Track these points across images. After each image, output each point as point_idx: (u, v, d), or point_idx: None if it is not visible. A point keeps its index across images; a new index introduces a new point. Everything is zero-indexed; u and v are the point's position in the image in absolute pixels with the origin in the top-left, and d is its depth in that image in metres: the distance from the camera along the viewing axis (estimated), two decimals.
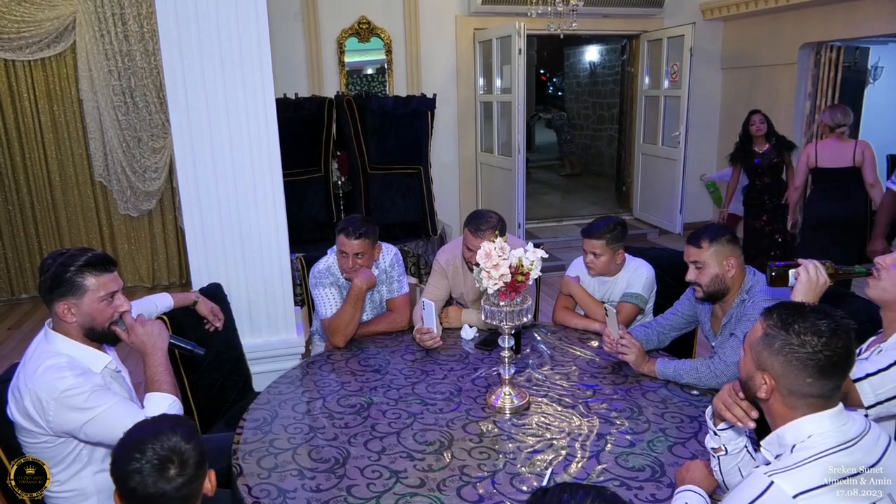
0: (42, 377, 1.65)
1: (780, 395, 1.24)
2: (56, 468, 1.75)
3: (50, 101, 5.48)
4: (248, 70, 2.63)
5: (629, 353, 2.21)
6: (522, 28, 5.64)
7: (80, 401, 1.64)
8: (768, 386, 1.25)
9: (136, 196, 5.76)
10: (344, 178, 5.56)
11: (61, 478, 1.76)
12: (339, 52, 6.17)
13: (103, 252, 1.90)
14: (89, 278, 1.73)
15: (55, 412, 1.64)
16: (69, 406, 1.64)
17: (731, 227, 6.32)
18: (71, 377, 1.65)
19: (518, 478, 1.67)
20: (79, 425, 1.66)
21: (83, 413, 1.65)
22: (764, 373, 1.26)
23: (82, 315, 1.74)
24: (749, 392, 1.32)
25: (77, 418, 1.65)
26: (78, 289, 1.72)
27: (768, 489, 1.15)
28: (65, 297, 1.72)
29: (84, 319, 1.75)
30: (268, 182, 2.74)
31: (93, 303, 1.74)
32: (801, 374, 1.21)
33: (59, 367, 1.67)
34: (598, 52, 11.58)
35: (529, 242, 1.99)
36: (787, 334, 1.23)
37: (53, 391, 1.63)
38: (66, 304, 1.72)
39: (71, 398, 1.64)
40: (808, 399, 1.22)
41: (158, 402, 1.78)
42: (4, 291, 5.71)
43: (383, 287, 2.77)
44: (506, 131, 6.23)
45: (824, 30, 5.99)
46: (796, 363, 1.21)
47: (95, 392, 1.67)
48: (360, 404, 2.09)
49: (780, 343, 1.23)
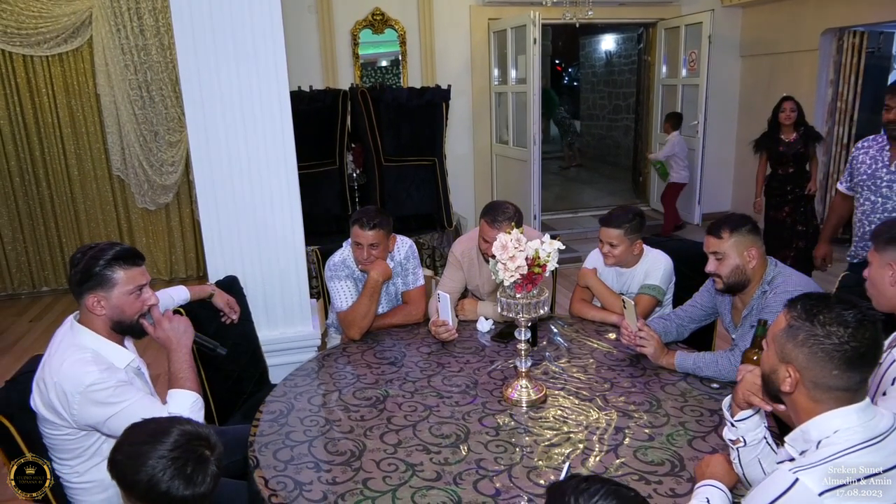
0: (68, 371, 1.67)
1: (805, 389, 1.21)
2: (76, 460, 1.78)
3: (68, 95, 5.54)
4: (263, 63, 2.62)
5: (647, 345, 2.18)
6: (537, 17, 5.58)
7: (104, 395, 1.67)
8: (793, 379, 1.22)
9: (153, 189, 5.80)
10: (359, 171, 5.56)
11: (80, 469, 1.79)
12: (353, 43, 6.16)
13: (132, 246, 1.94)
14: (119, 271, 1.77)
15: (80, 406, 1.66)
16: (94, 400, 1.66)
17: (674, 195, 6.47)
18: (96, 372, 1.67)
19: (535, 471, 1.65)
20: (102, 419, 1.68)
21: (107, 408, 1.67)
22: (788, 365, 1.23)
23: (111, 308, 1.77)
24: (771, 386, 1.28)
25: (101, 412, 1.67)
26: (107, 282, 1.76)
27: (793, 486, 1.12)
28: (94, 290, 1.75)
29: (113, 312, 1.78)
30: (283, 175, 2.74)
31: (122, 296, 1.78)
32: (827, 366, 1.18)
33: (85, 360, 1.70)
34: (614, 40, 11.45)
35: (546, 234, 1.96)
36: (812, 325, 1.20)
37: (79, 385, 1.65)
38: (95, 296, 1.75)
39: (96, 392, 1.66)
40: (834, 392, 1.19)
41: (181, 400, 1.81)
42: (26, 284, 5.79)
43: (399, 279, 2.76)
44: (521, 122, 6.18)
45: (847, 15, 5.86)
46: (822, 355, 1.18)
47: (120, 387, 1.70)
48: (376, 397, 2.09)
49: (805, 334, 1.20)
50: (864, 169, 3.03)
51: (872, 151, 3.02)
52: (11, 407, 1.74)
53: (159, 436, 1.26)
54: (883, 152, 2.97)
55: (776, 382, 1.26)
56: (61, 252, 5.79)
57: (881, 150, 2.98)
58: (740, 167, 7.39)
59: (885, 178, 2.94)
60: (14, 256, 5.70)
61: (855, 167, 3.10)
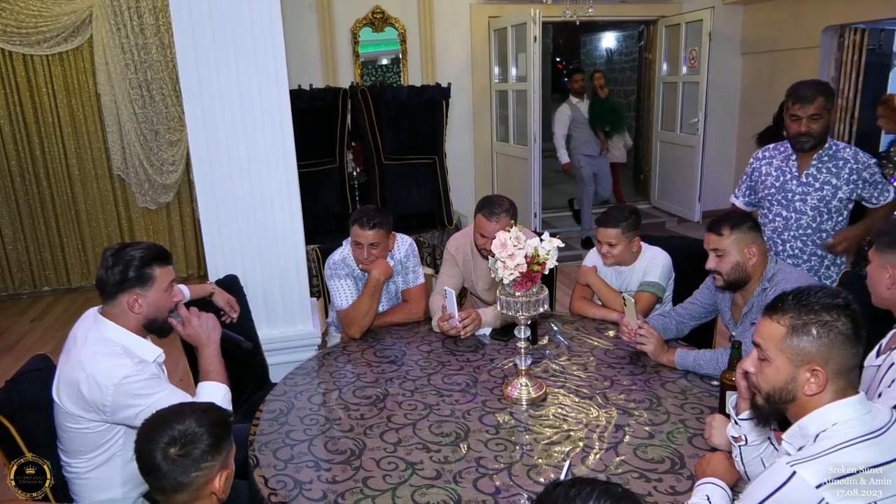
0: (102, 363, 1.70)
1: (830, 382, 1.21)
2: (90, 454, 1.80)
3: (68, 95, 5.53)
4: (262, 61, 2.62)
5: (647, 342, 2.18)
6: (538, 15, 5.58)
7: (138, 387, 1.71)
8: (820, 378, 1.20)
9: (153, 189, 5.81)
10: (359, 169, 5.56)
11: (92, 464, 1.81)
12: (354, 42, 6.15)
13: (162, 246, 1.99)
14: (156, 270, 1.83)
15: (114, 398, 1.69)
16: (128, 393, 1.70)
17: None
18: (130, 365, 1.72)
19: (535, 469, 1.65)
20: (135, 412, 1.71)
21: (141, 399, 1.71)
22: (809, 365, 1.21)
23: (149, 305, 1.82)
24: (782, 399, 1.25)
25: (134, 404, 1.71)
26: (146, 280, 1.81)
27: (790, 479, 1.12)
28: (133, 289, 1.79)
29: (150, 310, 1.83)
30: (283, 173, 2.74)
31: (158, 293, 1.83)
32: (847, 346, 1.20)
33: (118, 354, 1.74)
34: (614, 38, 11.44)
35: (546, 232, 1.96)
36: (819, 315, 1.20)
37: (114, 377, 1.69)
38: (134, 295, 1.79)
39: (130, 384, 1.70)
40: (850, 374, 1.22)
41: (212, 391, 1.87)
42: (27, 284, 5.80)
43: (399, 278, 2.76)
44: (521, 120, 6.18)
45: (848, 12, 5.85)
46: (841, 338, 1.20)
47: (152, 380, 1.75)
48: (376, 395, 2.09)
49: (818, 326, 1.20)
50: (770, 182, 2.76)
51: (777, 162, 2.76)
52: (12, 407, 1.74)
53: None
54: (789, 162, 2.72)
55: (794, 391, 1.23)
56: (62, 252, 5.79)
57: (786, 160, 2.73)
58: (741, 164, 7.38)
59: (796, 190, 2.68)
60: (15, 256, 5.70)
61: (758, 180, 2.83)
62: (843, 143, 2.72)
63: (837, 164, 2.64)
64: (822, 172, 2.66)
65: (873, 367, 1.64)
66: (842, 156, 2.65)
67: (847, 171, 2.63)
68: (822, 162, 2.66)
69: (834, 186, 2.64)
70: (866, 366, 1.68)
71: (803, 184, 2.67)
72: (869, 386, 1.62)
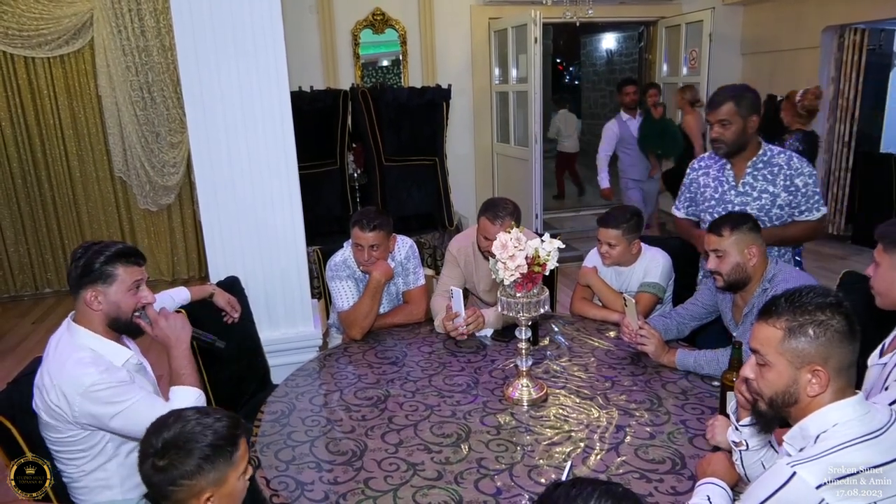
0: (68, 372, 1.68)
1: (831, 383, 1.21)
2: (82, 459, 1.78)
3: (69, 97, 5.55)
4: (263, 63, 2.62)
5: (649, 343, 2.19)
6: (538, 16, 5.58)
7: (106, 395, 1.68)
8: (822, 378, 1.21)
9: (154, 191, 5.82)
10: (360, 171, 5.56)
11: (87, 468, 1.80)
12: (354, 43, 6.16)
13: (134, 246, 1.95)
14: (119, 268, 1.78)
15: (80, 406, 1.67)
16: (95, 400, 1.67)
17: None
18: (96, 373, 1.68)
19: (536, 470, 1.65)
20: (106, 419, 1.69)
21: (110, 407, 1.68)
22: (810, 366, 1.21)
23: (109, 304, 1.78)
24: (789, 400, 1.25)
25: (103, 412, 1.68)
26: (108, 277, 1.77)
27: (790, 480, 1.12)
28: (94, 285, 1.76)
29: (110, 308, 1.78)
30: (283, 175, 2.75)
31: (119, 292, 1.79)
32: (845, 344, 1.21)
33: (84, 362, 1.70)
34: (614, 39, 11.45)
35: (546, 233, 1.96)
36: (814, 315, 1.21)
37: (79, 386, 1.66)
38: (94, 291, 1.76)
39: (97, 393, 1.67)
40: (850, 371, 1.23)
41: (184, 396, 1.83)
42: (28, 286, 5.81)
43: (399, 279, 2.76)
44: (522, 121, 6.18)
45: (848, 12, 5.85)
46: (838, 336, 1.21)
47: (121, 387, 1.71)
48: (378, 396, 2.09)
49: (814, 326, 1.21)
50: (709, 193, 2.65)
51: (714, 172, 2.65)
52: (14, 409, 1.74)
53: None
54: (725, 171, 2.61)
55: (796, 394, 1.23)
56: (64, 253, 5.80)
57: (722, 169, 2.62)
58: None
59: (734, 199, 2.57)
60: (17, 258, 5.72)
61: (696, 191, 2.72)
62: (778, 149, 2.58)
63: (773, 170, 2.52)
64: (758, 180, 2.54)
65: (878, 366, 1.64)
66: (776, 161, 2.53)
67: (782, 176, 2.51)
68: (757, 169, 2.54)
69: (772, 194, 2.52)
70: (870, 364, 1.68)
71: (741, 193, 2.56)
72: (874, 384, 1.62)
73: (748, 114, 2.46)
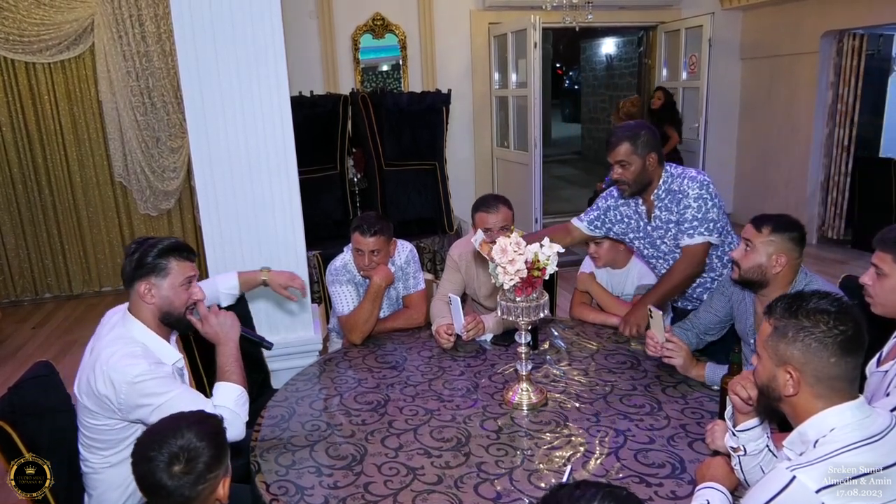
0: (118, 362, 1.72)
1: (808, 387, 1.22)
2: (109, 451, 1.81)
3: (70, 102, 5.56)
4: (263, 69, 2.63)
5: (676, 356, 2.11)
6: (538, 21, 5.60)
7: (151, 386, 1.71)
8: (794, 379, 1.22)
9: (155, 195, 5.82)
10: (360, 175, 5.57)
11: (107, 462, 1.82)
12: (354, 48, 6.18)
13: (185, 242, 1.99)
14: (172, 261, 1.83)
15: (126, 396, 1.70)
16: (141, 391, 1.70)
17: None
18: (145, 364, 1.73)
19: (536, 474, 1.65)
20: (148, 411, 1.71)
21: (153, 398, 1.71)
22: (786, 366, 1.23)
23: (161, 297, 1.82)
24: (773, 395, 1.28)
25: (147, 402, 1.71)
26: (161, 270, 1.81)
27: (790, 484, 1.12)
28: (147, 277, 1.81)
29: (163, 302, 1.82)
30: (284, 180, 2.75)
31: (172, 287, 1.83)
32: (824, 354, 1.20)
33: (135, 354, 1.75)
34: (614, 44, 11.49)
35: (545, 238, 1.97)
36: (798, 319, 1.22)
37: (127, 375, 1.70)
38: (148, 283, 1.81)
39: (143, 383, 1.70)
40: (835, 383, 1.21)
41: (227, 392, 1.84)
42: (28, 291, 5.81)
43: (399, 284, 2.77)
44: (522, 126, 6.20)
45: (847, 17, 5.87)
46: (816, 344, 1.20)
47: (166, 379, 1.75)
48: (378, 401, 2.09)
49: (794, 330, 1.22)
50: (632, 224, 2.55)
51: (628, 210, 2.55)
52: (15, 413, 1.74)
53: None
54: (638, 206, 2.50)
55: (777, 389, 1.26)
56: (64, 258, 5.81)
57: (635, 203, 2.51)
58: (741, 169, 7.40)
59: (653, 234, 2.48)
60: (17, 263, 5.71)
61: (615, 220, 2.60)
62: (677, 171, 2.42)
63: (675, 197, 2.38)
64: (663, 212, 2.43)
65: (879, 374, 1.63)
66: (673, 188, 2.39)
67: (675, 202, 2.39)
68: (661, 200, 2.42)
69: (676, 223, 2.40)
70: (869, 373, 1.68)
71: (656, 227, 2.46)
72: (874, 392, 1.61)
73: (646, 152, 2.35)
